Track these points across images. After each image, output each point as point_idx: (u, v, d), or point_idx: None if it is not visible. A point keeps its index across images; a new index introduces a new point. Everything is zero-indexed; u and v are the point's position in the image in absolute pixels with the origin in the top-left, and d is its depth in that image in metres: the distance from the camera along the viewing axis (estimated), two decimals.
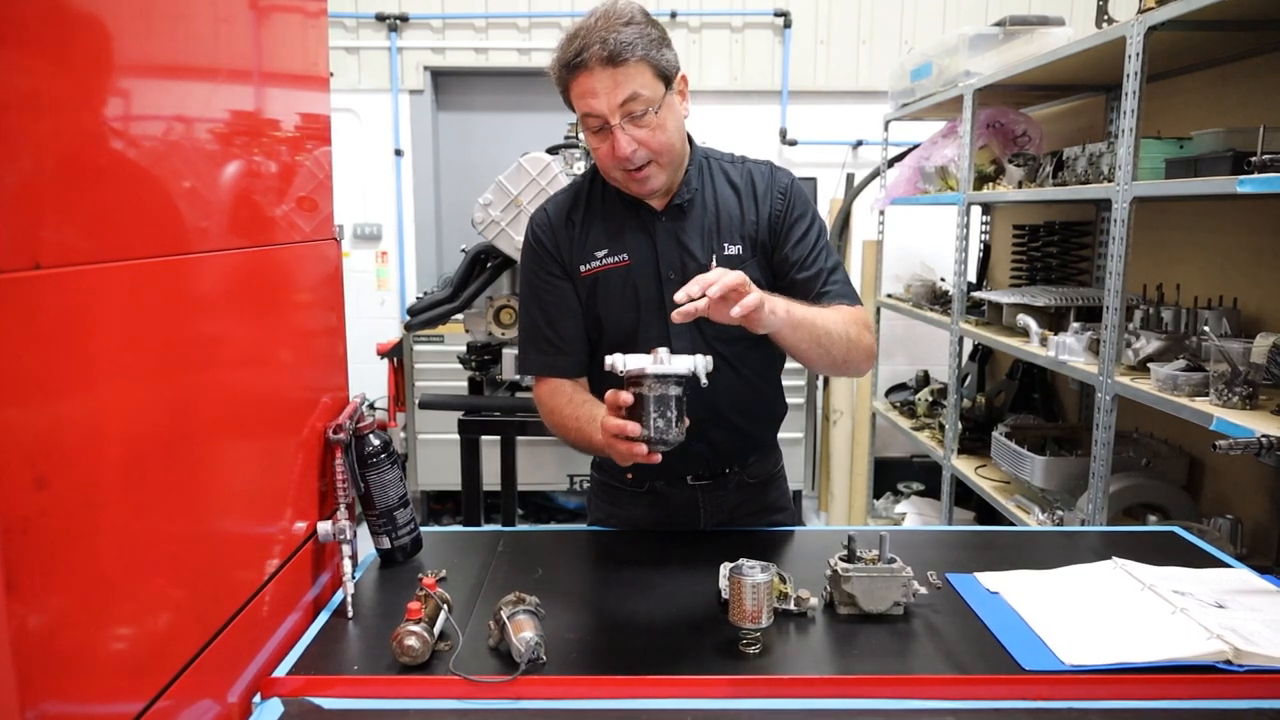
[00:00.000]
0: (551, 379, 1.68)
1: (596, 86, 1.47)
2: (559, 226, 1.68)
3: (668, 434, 1.27)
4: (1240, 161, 2.02)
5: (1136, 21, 2.26)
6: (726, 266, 1.61)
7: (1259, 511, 2.51)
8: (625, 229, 1.65)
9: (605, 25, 1.46)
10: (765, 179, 1.69)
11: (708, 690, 1.19)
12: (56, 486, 0.80)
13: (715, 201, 1.66)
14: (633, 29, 1.47)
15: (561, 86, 1.53)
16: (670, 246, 1.64)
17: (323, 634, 1.35)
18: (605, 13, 1.49)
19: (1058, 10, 3.85)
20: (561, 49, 1.50)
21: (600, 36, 1.45)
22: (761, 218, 1.66)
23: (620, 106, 1.48)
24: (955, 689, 1.20)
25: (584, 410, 1.57)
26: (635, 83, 1.47)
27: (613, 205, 1.67)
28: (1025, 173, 3.15)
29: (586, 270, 1.65)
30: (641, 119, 1.50)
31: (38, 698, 0.78)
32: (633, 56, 1.46)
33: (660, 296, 1.63)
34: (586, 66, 1.46)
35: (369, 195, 5.21)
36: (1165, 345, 2.40)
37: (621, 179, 1.58)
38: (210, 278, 1.13)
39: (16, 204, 0.77)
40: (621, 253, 1.64)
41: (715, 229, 1.65)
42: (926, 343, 4.84)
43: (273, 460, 1.31)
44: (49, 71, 0.83)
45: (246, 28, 1.26)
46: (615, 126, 1.49)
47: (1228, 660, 1.22)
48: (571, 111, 1.58)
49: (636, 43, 1.46)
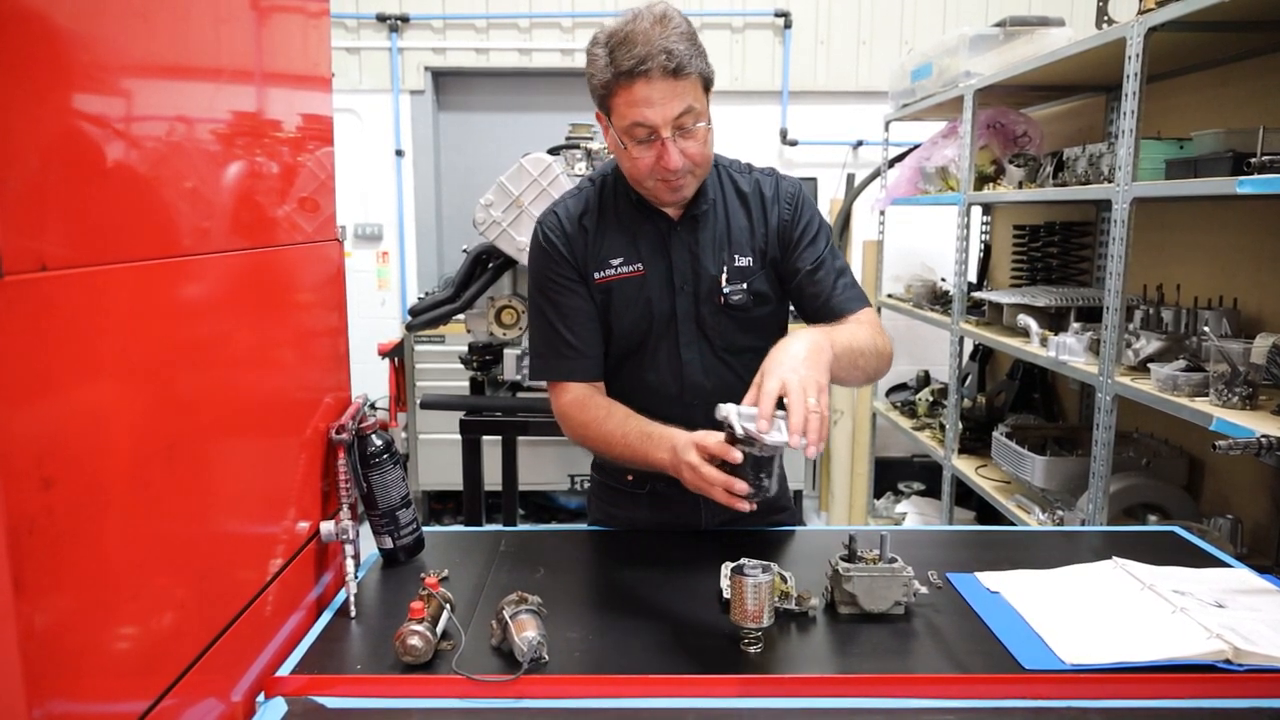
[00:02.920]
0: (572, 388, 1.65)
1: (655, 97, 1.43)
2: (571, 230, 1.65)
3: (770, 490, 1.31)
4: (1240, 162, 2.02)
5: (1136, 22, 2.26)
6: (737, 278, 1.63)
7: (1259, 511, 2.51)
8: (640, 237, 1.64)
9: (664, 34, 1.42)
10: (772, 188, 1.68)
11: (709, 689, 1.19)
12: (63, 486, 0.81)
13: (727, 212, 1.65)
14: (688, 41, 1.44)
15: (607, 91, 1.48)
16: (684, 257, 1.63)
17: (326, 633, 1.35)
18: (659, 19, 1.44)
19: (1058, 11, 3.86)
20: (614, 53, 1.44)
21: (663, 46, 1.41)
22: (770, 228, 1.65)
23: (674, 119, 1.45)
24: (956, 688, 1.20)
25: (633, 426, 1.54)
26: (690, 95, 1.45)
27: (626, 212, 1.65)
28: (1025, 173, 3.16)
29: (600, 278, 1.63)
30: (691, 132, 1.48)
31: (45, 697, 0.78)
32: (693, 70, 1.44)
33: (672, 307, 1.63)
34: (648, 76, 1.42)
35: (370, 196, 5.21)
36: (1165, 345, 2.40)
37: (654, 188, 1.55)
38: (213, 279, 1.13)
39: (23, 206, 0.77)
40: (636, 262, 1.63)
41: (726, 240, 1.64)
42: (927, 343, 4.85)
43: (276, 460, 1.32)
44: (53, 74, 0.83)
45: (248, 28, 1.26)
46: (667, 139, 1.46)
47: (1227, 660, 1.22)
48: (599, 112, 1.54)
49: (694, 55, 1.44)
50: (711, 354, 1.66)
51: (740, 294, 1.63)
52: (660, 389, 1.66)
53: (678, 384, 1.66)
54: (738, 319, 1.65)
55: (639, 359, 1.67)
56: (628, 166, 1.56)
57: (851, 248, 4.91)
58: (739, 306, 1.64)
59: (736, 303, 1.63)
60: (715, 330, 1.65)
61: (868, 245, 4.69)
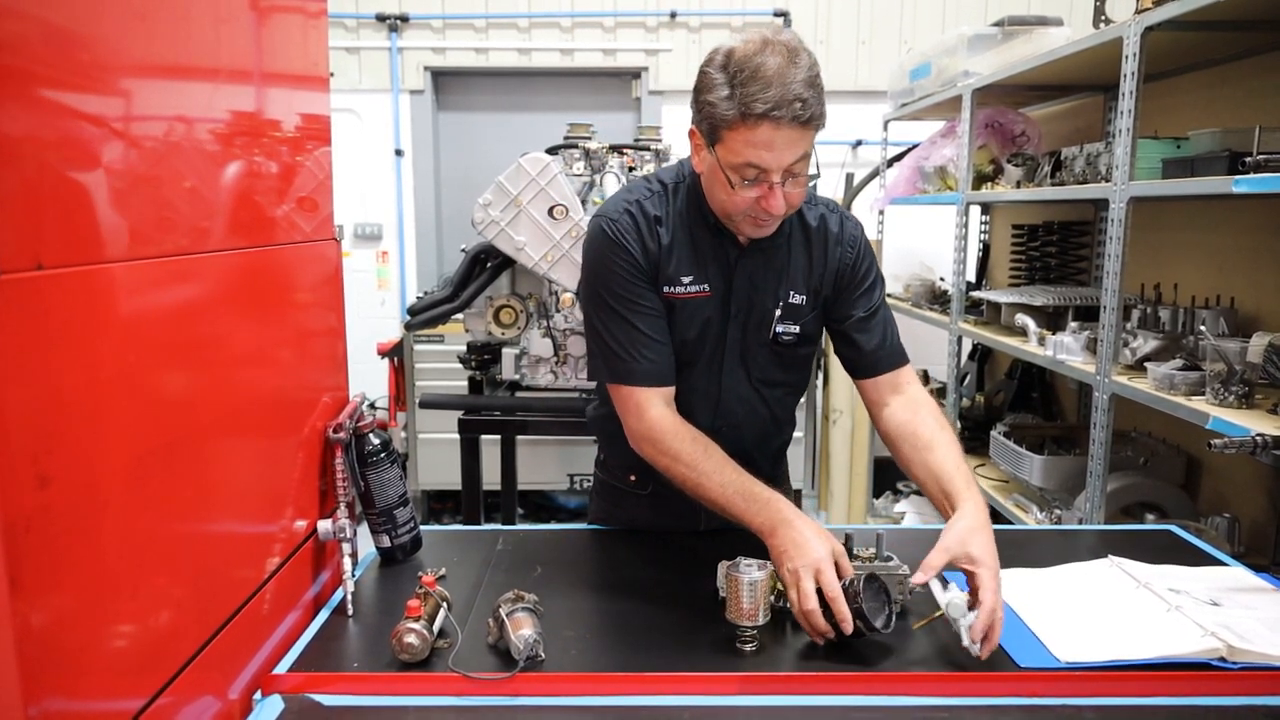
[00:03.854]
0: (657, 403, 1.54)
1: (778, 142, 1.36)
2: (646, 234, 1.56)
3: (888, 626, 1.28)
4: (1236, 161, 2.03)
5: (1134, 22, 2.27)
6: (790, 315, 1.60)
7: (1256, 510, 2.51)
8: (709, 259, 1.58)
9: (795, 78, 1.33)
10: (838, 225, 1.64)
11: (705, 687, 1.20)
12: (59, 484, 0.81)
13: (789, 244, 1.61)
14: (817, 90, 1.37)
15: (724, 124, 1.38)
16: (744, 285, 1.59)
17: (323, 632, 1.36)
18: (791, 57, 1.35)
19: (1056, 11, 3.85)
20: (742, 88, 1.34)
21: (797, 95, 1.33)
22: (830, 268, 1.62)
23: (789, 165, 1.40)
24: (951, 686, 1.20)
25: (731, 478, 1.46)
26: (809, 144, 1.40)
27: (699, 229, 1.57)
28: (1024, 172, 3.16)
29: (670, 293, 1.57)
30: (798, 179, 1.43)
31: (41, 695, 0.79)
32: (820, 123, 1.39)
33: (724, 332, 1.61)
34: (777, 121, 1.34)
35: (369, 195, 5.21)
36: (1162, 344, 2.40)
37: (741, 222, 1.50)
38: (211, 278, 1.13)
39: (19, 205, 0.78)
40: (704, 283, 1.57)
41: (785, 273, 1.60)
42: (925, 342, 4.82)
43: (273, 459, 1.32)
44: (50, 73, 0.83)
45: (247, 28, 1.26)
46: (776, 184, 1.40)
47: (1222, 658, 1.22)
48: (701, 134, 1.45)
49: (820, 103, 1.37)
50: (748, 383, 1.64)
51: (791, 335, 1.62)
52: (693, 412, 1.61)
53: (712, 410, 1.65)
54: (780, 355, 1.64)
55: (682, 380, 1.62)
56: (722, 199, 1.47)
57: None
58: (786, 344, 1.63)
59: (786, 341, 1.62)
60: (756, 362, 1.64)
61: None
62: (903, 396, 1.63)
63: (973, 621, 1.23)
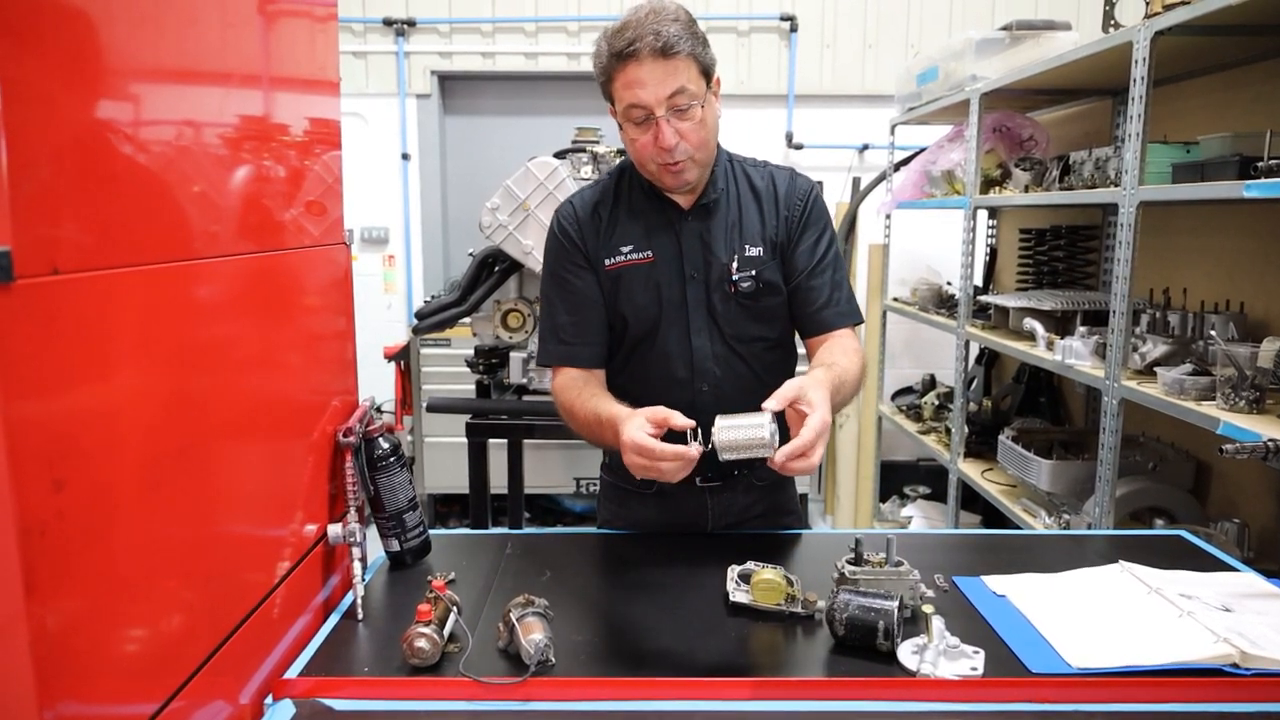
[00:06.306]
0: (566, 372, 1.69)
1: (646, 77, 1.49)
2: (585, 219, 1.70)
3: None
4: (1247, 166, 2.02)
5: (1143, 26, 2.26)
6: (747, 267, 1.66)
7: (1266, 515, 2.50)
8: (651, 226, 1.68)
9: (655, 19, 1.49)
10: (787, 184, 1.72)
11: (716, 692, 1.19)
12: (74, 489, 0.81)
13: (739, 203, 1.69)
14: (680, 25, 1.50)
15: (606, 77, 1.55)
16: (694, 245, 1.66)
17: (333, 636, 1.36)
18: (654, 9, 1.51)
19: (1064, 14, 3.86)
20: (609, 39, 1.52)
21: (652, 29, 1.48)
22: (780, 220, 1.68)
23: (667, 99, 1.50)
24: (962, 691, 1.20)
25: (590, 407, 1.55)
26: (683, 77, 1.50)
27: (639, 202, 1.69)
28: (1032, 177, 3.16)
29: (610, 265, 1.67)
30: (686, 113, 1.52)
31: (56, 698, 0.79)
32: (683, 51, 1.49)
33: (683, 294, 1.66)
34: (637, 57, 1.48)
35: (376, 199, 5.22)
36: (1172, 349, 2.39)
37: (656, 171, 1.59)
38: (222, 282, 1.14)
39: (35, 211, 0.78)
40: (646, 249, 1.67)
41: (738, 230, 1.67)
42: (932, 346, 4.84)
43: (283, 463, 1.32)
44: (64, 80, 0.84)
45: (256, 33, 1.27)
46: (660, 118, 1.51)
47: (1234, 664, 1.22)
48: (609, 105, 1.60)
49: (685, 38, 1.50)
50: (722, 341, 1.68)
51: (750, 281, 1.65)
52: (671, 376, 1.68)
53: (688, 370, 1.68)
54: (748, 307, 1.67)
55: (650, 346, 1.69)
56: (632, 152, 1.61)
57: (857, 251, 4.90)
58: (749, 294, 1.66)
59: (746, 290, 1.66)
60: (725, 318, 1.67)
61: (873, 249, 4.68)
62: (835, 342, 1.65)
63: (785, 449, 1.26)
